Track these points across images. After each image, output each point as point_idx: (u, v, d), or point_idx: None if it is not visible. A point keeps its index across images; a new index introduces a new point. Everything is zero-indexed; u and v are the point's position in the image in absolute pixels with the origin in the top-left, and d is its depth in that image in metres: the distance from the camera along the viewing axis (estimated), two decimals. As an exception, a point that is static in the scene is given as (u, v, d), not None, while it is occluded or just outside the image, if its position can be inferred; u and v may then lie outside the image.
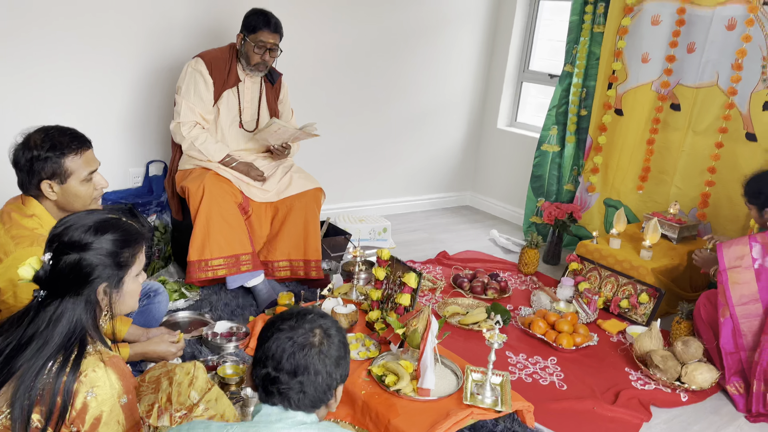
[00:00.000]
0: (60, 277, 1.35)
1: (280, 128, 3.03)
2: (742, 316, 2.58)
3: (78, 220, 1.40)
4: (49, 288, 1.36)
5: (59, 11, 3.05)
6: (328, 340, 1.35)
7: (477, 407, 2.06)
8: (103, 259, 1.38)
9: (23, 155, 1.82)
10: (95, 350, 1.36)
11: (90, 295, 1.38)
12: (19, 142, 1.85)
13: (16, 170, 1.86)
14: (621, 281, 3.26)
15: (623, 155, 3.85)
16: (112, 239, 1.40)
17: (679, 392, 2.59)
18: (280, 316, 1.39)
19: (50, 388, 1.28)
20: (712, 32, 3.38)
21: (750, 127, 3.30)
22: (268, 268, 3.11)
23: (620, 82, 3.82)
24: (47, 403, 1.28)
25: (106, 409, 1.33)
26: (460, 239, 4.27)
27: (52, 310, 1.34)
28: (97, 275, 1.37)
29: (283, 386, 1.31)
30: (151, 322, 2.41)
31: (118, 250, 1.41)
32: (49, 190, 1.84)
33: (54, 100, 3.16)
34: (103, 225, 1.41)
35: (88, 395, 1.30)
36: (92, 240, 1.37)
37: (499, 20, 4.65)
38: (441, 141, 4.76)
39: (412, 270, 2.48)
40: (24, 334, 1.33)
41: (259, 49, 2.99)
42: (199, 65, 2.99)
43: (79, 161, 1.85)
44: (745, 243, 2.63)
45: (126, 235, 1.43)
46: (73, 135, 1.87)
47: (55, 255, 1.36)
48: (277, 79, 3.27)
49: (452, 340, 2.75)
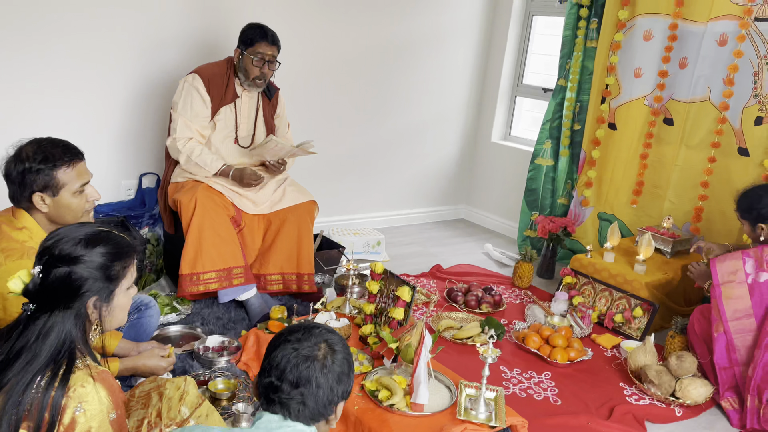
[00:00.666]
0: (50, 290, 1.33)
1: (277, 145, 3.02)
2: (736, 331, 2.58)
3: (69, 233, 1.39)
4: (39, 301, 1.34)
5: (53, 25, 3.05)
6: (332, 355, 1.38)
7: (471, 422, 2.04)
8: (93, 272, 1.36)
9: (15, 167, 1.80)
10: (84, 365, 1.34)
11: (80, 309, 1.36)
12: (10, 155, 1.84)
13: (8, 182, 1.85)
14: (615, 295, 3.26)
15: (617, 169, 3.86)
16: (102, 252, 1.38)
17: (674, 407, 2.58)
18: (289, 328, 1.44)
19: (38, 403, 1.26)
20: (704, 48, 3.40)
21: (742, 141, 3.32)
22: (261, 281, 3.09)
23: (613, 96, 3.84)
24: (35, 419, 1.26)
25: (94, 425, 1.31)
26: (454, 253, 4.26)
27: (42, 324, 1.32)
28: (87, 289, 1.36)
29: (284, 396, 1.34)
30: (142, 336, 2.39)
31: (109, 263, 1.39)
32: (40, 202, 1.83)
33: (47, 113, 3.15)
34: (94, 238, 1.39)
35: (76, 411, 1.29)
36: (83, 253, 1.36)
37: (493, 35, 4.68)
38: (435, 154, 4.77)
39: (406, 284, 2.47)
40: (12, 347, 1.31)
41: (258, 61, 2.99)
42: (197, 82, 2.97)
43: (72, 173, 1.84)
44: (739, 258, 2.63)
45: (117, 248, 1.42)
46: (66, 147, 1.86)
47: (45, 268, 1.34)
48: (275, 94, 3.26)
49: (446, 355, 2.74)
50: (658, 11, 3.58)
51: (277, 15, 3.65)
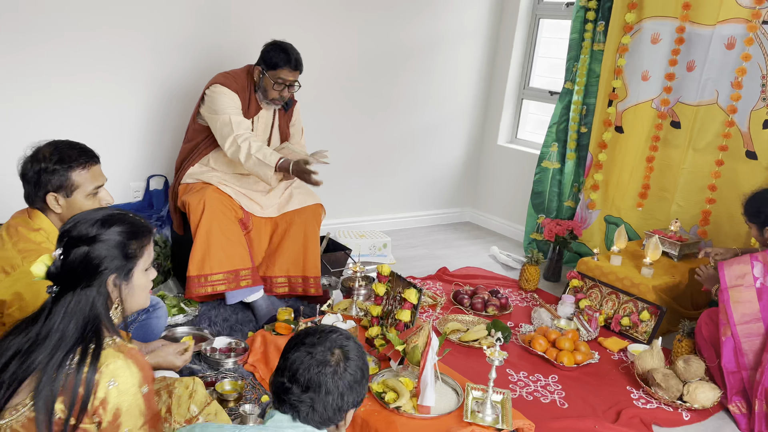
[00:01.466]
0: (71, 270, 1.38)
1: (291, 153, 3.02)
2: (744, 335, 2.57)
3: (86, 216, 1.43)
4: (62, 282, 1.38)
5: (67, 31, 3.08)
6: (345, 362, 1.37)
7: (477, 425, 2.04)
8: (111, 250, 1.40)
9: (31, 167, 1.83)
10: (114, 342, 1.38)
11: (101, 287, 1.40)
12: (28, 155, 1.86)
13: (24, 182, 1.87)
14: (622, 299, 3.25)
15: (623, 172, 3.86)
16: (119, 231, 1.42)
17: (681, 411, 2.57)
18: (307, 330, 1.43)
19: (72, 380, 1.30)
20: (712, 51, 3.40)
21: (750, 145, 3.31)
22: (267, 283, 3.10)
23: (620, 99, 3.83)
24: (69, 395, 1.29)
25: (127, 398, 1.34)
26: (460, 255, 4.26)
27: (66, 303, 1.36)
28: (105, 266, 1.39)
29: (294, 398, 1.34)
30: (149, 337, 2.40)
31: (126, 241, 1.43)
32: (54, 202, 1.85)
33: (57, 116, 3.18)
34: (110, 219, 1.43)
35: (109, 385, 1.31)
36: (100, 232, 1.40)
37: (500, 38, 4.68)
38: (441, 157, 4.77)
39: (413, 286, 2.47)
40: (41, 329, 1.35)
41: (278, 86, 2.94)
42: (225, 90, 2.90)
43: (86, 175, 1.86)
44: (747, 262, 2.62)
45: (133, 227, 1.46)
46: (82, 149, 1.89)
47: (65, 249, 1.38)
48: (291, 106, 3.23)
49: (453, 357, 2.74)
50: (666, 14, 3.58)
51: (287, 20, 3.67)
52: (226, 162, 3.06)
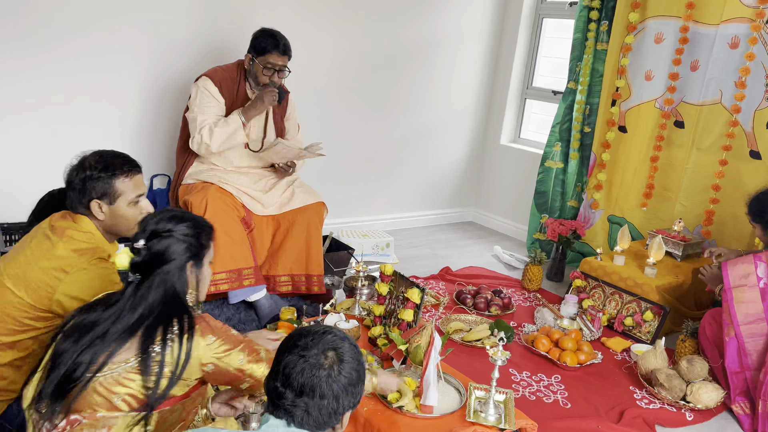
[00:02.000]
0: (156, 256, 1.55)
1: (284, 148, 3.03)
2: (748, 335, 2.56)
3: (156, 215, 1.62)
4: (144, 270, 1.54)
5: (67, 31, 3.09)
6: (339, 365, 1.33)
7: (480, 425, 2.04)
8: (187, 239, 1.59)
9: (77, 175, 1.88)
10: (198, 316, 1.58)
11: (182, 270, 1.57)
12: (73, 164, 1.92)
13: (69, 190, 1.92)
14: (625, 299, 3.24)
15: (627, 172, 3.85)
16: (190, 224, 1.61)
17: (685, 411, 2.56)
18: (300, 331, 1.39)
19: (172, 351, 1.48)
20: (716, 50, 3.39)
21: (754, 145, 3.30)
22: (270, 282, 3.10)
23: (624, 99, 3.83)
24: (175, 363, 1.48)
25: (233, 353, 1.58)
26: (463, 255, 4.26)
27: (152, 281, 1.52)
28: (184, 252, 1.58)
29: (287, 403, 1.30)
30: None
31: (198, 231, 1.62)
32: (98, 209, 1.89)
33: (60, 116, 3.18)
34: (180, 215, 1.64)
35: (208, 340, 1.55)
36: (175, 226, 1.59)
37: (503, 37, 4.68)
38: (444, 156, 4.77)
39: (416, 285, 2.47)
40: (126, 303, 1.51)
41: (267, 71, 2.98)
42: (208, 84, 2.97)
43: (129, 183, 1.91)
44: (750, 262, 2.61)
45: (200, 222, 1.66)
46: (126, 159, 1.95)
47: (148, 240, 1.55)
48: (285, 97, 3.26)
49: (455, 357, 2.73)
50: (669, 14, 3.57)
51: (288, 18, 3.67)
52: (222, 154, 3.07)
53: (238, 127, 2.95)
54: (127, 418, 1.44)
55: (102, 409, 1.42)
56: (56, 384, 1.42)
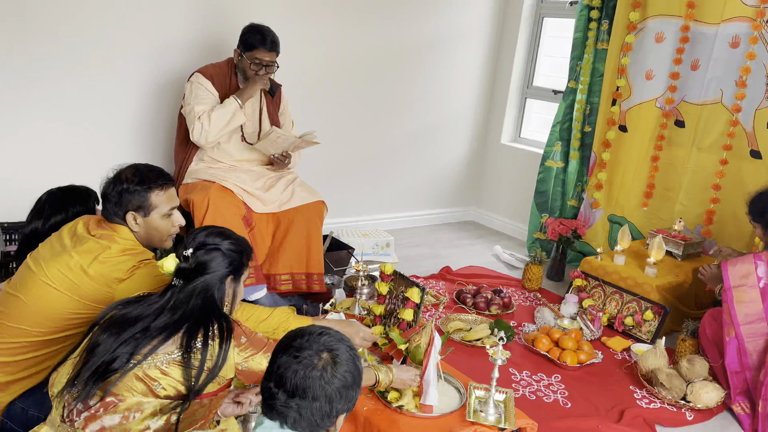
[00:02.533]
0: (198, 266, 1.63)
1: (279, 137, 3.04)
2: (748, 335, 2.56)
3: (207, 228, 1.73)
4: (186, 278, 1.62)
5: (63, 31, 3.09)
6: (333, 368, 1.31)
7: (480, 424, 2.04)
8: (232, 254, 1.68)
9: (114, 188, 1.92)
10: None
11: (222, 282, 1.66)
12: (110, 177, 1.96)
13: (104, 202, 1.95)
14: (625, 298, 3.24)
15: (627, 172, 3.85)
16: (234, 243, 1.71)
17: (685, 411, 2.56)
18: (296, 332, 1.38)
19: (213, 354, 1.55)
20: (716, 49, 3.39)
21: (755, 144, 3.30)
22: (271, 281, 3.10)
23: (624, 98, 3.82)
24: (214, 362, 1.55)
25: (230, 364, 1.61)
26: (463, 255, 4.25)
27: (194, 285, 1.61)
28: (226, 266, 1.66)
29: (280, 404, 1.29)
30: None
31: (242, 250, 1.71)
32: (133, 221, 1.93)
33: (58, 116, 3.18)
34: (226, 233, 1.73)
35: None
36: (222, 241, 1.69)
37: (503, 37, 4.67)
38: (445, 156, 4.77)
39: (416, 285, 2.47)
40: (167, 304, 1.58)
41: (255, 66, 3.01)
42: (201, 79, 3.01)
43: (163, 196, 1.95)
44: (750, 261, 2.61)
45: (242, 242, 1.75)
46: (160, 173, 1.99)
47: (195, 251, 1.64)
48: (277, 91, 3.27)
49: (455, 357, 2.73)
50: (670, 13, 3.56)
51: (286, 17, 3.67)
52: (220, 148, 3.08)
53: (236, 108, 2.98)
54: (159, 404, 1.51)
55: (139, 395, 1.49)
56: (94, 370, 1.48)
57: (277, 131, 3.01)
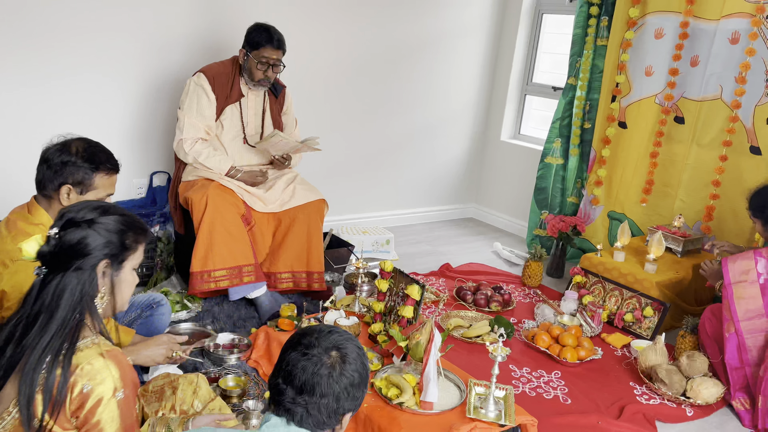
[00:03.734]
0: (66, 249, 1.37)
1: (281, 140, 3.04)
2: (748, 331, 2.56)
3: (86, 204, 1.45)
4: (52, 263, 1.37)
5: (64, 26, 3.08)
6: (341, 366, 1.31)
7: (480, 421, 2.04)
8: (108, 235, 1.41)
9: (59, 156, 1.85)
10: (93, 343, 1.36)
11: (92, 270, 1.39)
12: (56, 143, 1.88)
13: (44, 167, 1.87)
14: (625, 294, 3.24)
15: (627, 168, 3.84)
16: (117, 219, 1.43)
17: (685, 407, 2.57)
18: (305, 330, 1.38)
19: (47, 383, 1.29)
20: (716, 46, 3.38)
21: (754, 140, 3.30)
22: (271, 279, 3.10)
23: (624, 95, 3.82)
24: (45, 394, 1.29)
25: (104, 401, 1.32)
26: (463, 251, 4.26)
27: (55, 284, 1.35)
28: (100, 250, 1.39)
29: (287, 401, 1.30)
30: (153, 334, 2.39)
31: (124, 229, 1.43)
32: (65, 195, 1.87)
33: (59, 111, 3.18)
34: (111, 208, 1.46)
35: (84, 388, 1.30)
36: (99, 217, 1.41)
37: (503, 33, 4.67)
38: (444, 153, 4.77)
39: (416, 282, 2.47)
40: (31, 311, 1.35)
41: (261, 65, 3.00)
42: (202, 80, 2.99)
43: (105, 181, 1.91)
44: (751, 257, 2.61)
45: (131, 219, 1.47)
46: (110, 156, 1.94)
47: (63, 229, 1.38)
48: (281, 92, 3.27)
49: (455, 353, 2.74)
50: (670, 9, 3.56)
51: (286, 15, 3.66)
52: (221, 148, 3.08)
53: (224, 167, 3.00)
54: None
55: None
56: None
57: (279, 134, 3.01)
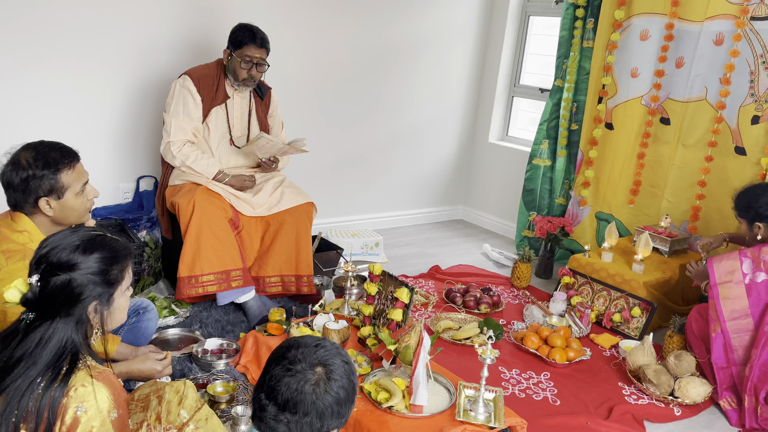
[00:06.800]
0: (49, 298, 1.33)
1: (267, 142, 3.03)
2: (733, 331, 2.58)
3: (63, 240, 1.38)
4: (38, 310, 1.34)
5: (49, 29, 3.05)
6: (326, 384, 1.26)
7: (470, 423, 2.04)
8: (92, 278, 1.37)
9: (17, 176, 1.80)
10: (85, 365, 1.34)
11: (81, 315, 1.36)
12: (6, 163, 1.83)
13: (9, 191, 1.84)
14: (613, 295, 3.26)
15: (614, 169, 3.87)
16: (99, 257, 1.39)
17: (673, 407, 2.58)
18: (293, 341, 1.33)
19: (36, 404, 1.26)
20: (701, 47, 3.41)
21: (739, 141, 3.33)
22: (260, 283, 3.09)
23: (610, 96, 3.84)
24: (33, 420, 1.26)
25: (96, 424, 1.31)
26: (452, 253, 4.26)
27: (42, 332, 1.31)
28: (87, 294, 1.36)
29: (270, 417, 1.26)
30: (140, 340, 2.38)
31: (108, 267, 1.40)
32: (46, 206, 1.85)
33: (43, 115, 3.15)
34: (91, 244, 1.39)
35: (78, 410, 1.29)
36: (80, 260, 1.36)
37: (490, 35, 4.68)
38: (433, 155, 4.77)
39: (404, 285, 2.47)
40: (12, 355, 1.31)
41: (245, 64, 2.99)
42: (187, 83, 2.98)
43: (73, 175, 1.87)
44: (736, 258, 2.63)
45: (113, 251, 1.42)
46: (63, 150, 1.88)
47: (43, 276, 1.34)
48: (267, 93, 3.26)
49: (445, 356, 2.74)
50: (655, 11, 3.59)
51: (272, 17, 3.65)
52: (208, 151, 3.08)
53: (211, 171, 3.00)
54: None
55: None
56: None
57: (265, 137, 3.00)
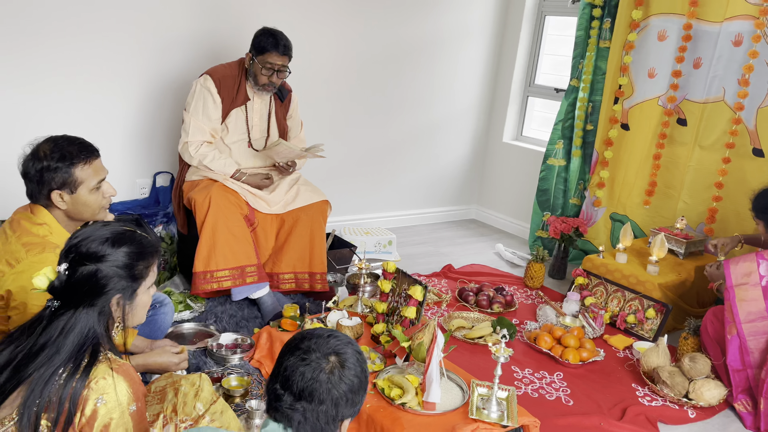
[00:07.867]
0: (75, 287, 1.36)
1: (286, 149, 3.04)
2: (750, 333, 2.56)
3: (94, 232, 1.41)
4: (63, 298, 1.37)
5: (68, 26, 3.09)
6: (340, 371, 1.29)
7: (483, 422, 2.04)
8: (118, 270, 1.39)
9: (33, 166, 1.83)
10: (105, 358, 1.37)
11: (104, 306, 1.39)
12: (27, 153, 1.86)
13: (26, 181, 1.87)
14: (627, 296, 3.24)
15: (629, 170, 3.85)
16: (127, 252, 1.41)
17: (687, 409, 2.57)
18: (304, 333, 1.36)
19: (58, 395, 1.29)
20: (719, 48, 3.38)
21: (757, 142, 3.30)
22: (274, 280, 3.11)
23: (626, 96, 3.82)
24: (55, 410, 1.28)
25: (115, 416, 1.33)
26: (465, 253, 4.26)
27: (65, 320, 1.34)
28: (111, 287, 1.39)
29: (285, 406, 1.28)
30: (156, 334, 2.41)
31: (134, 262, 1.42)
32: (59, 199, 1.86)
33: (62, 112, 3.19)
34: (120, 237, 1.42)
35: (98, 402, 1.31)
36: (109, 252, 1.39)
37: (505, 35, 4.67)
38: (447, 154, 4.77)
39: (418, 283, 2.47)
40: (36, 342, 1.34)
41: (266, 70, 2.99)
42: (208, 83, 2.99)
43: (89, 170, 1.87)
44: (753, 260, 2.61)
45: (141, 247, 1.45)
46: (82, 145, 1.89)
47: (72, 265, 1.37)
48: (287, 96, 3.27)
49: (458, 354, 2.74)
50: (673, 11, 3.56)
51: (289, 16, 3.66)
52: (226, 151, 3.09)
53: (230, 170, 3.02)
54: None
55: None
56: None
57: (283, 143, 3.02)
